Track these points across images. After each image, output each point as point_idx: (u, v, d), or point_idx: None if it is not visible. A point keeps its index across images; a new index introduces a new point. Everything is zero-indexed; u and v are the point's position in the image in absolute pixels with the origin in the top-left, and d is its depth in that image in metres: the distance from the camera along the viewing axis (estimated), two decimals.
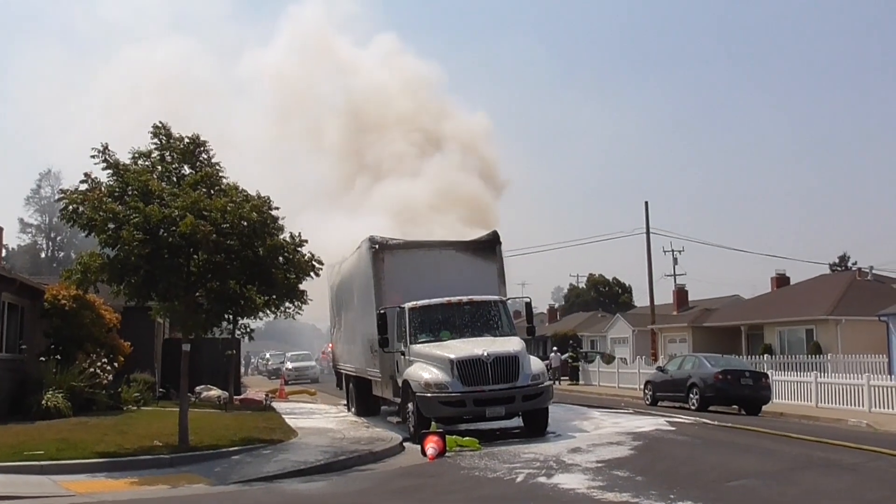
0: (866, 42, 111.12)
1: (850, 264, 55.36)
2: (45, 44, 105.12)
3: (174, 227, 11.51)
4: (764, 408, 21.53)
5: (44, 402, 15.99)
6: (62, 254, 74.41)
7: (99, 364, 18.24)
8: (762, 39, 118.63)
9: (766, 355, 30.80)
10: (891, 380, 21.30)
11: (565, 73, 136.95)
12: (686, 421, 17.26)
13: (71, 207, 11.74)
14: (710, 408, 21.32)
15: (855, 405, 20.80)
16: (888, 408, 19.93)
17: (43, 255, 76.21)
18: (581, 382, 36.85)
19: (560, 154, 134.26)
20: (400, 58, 42.76)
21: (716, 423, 16.82)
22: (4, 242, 26.62)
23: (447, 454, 11.99)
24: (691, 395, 21.89)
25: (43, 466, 10.46)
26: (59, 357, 17.60)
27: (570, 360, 38.56)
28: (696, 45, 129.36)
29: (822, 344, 31.14)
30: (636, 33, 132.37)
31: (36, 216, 75.82)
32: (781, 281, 42.13)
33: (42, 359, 17.38)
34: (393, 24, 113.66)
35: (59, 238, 76.23)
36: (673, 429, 15.29)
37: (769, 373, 23.59)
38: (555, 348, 43.09)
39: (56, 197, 12.65)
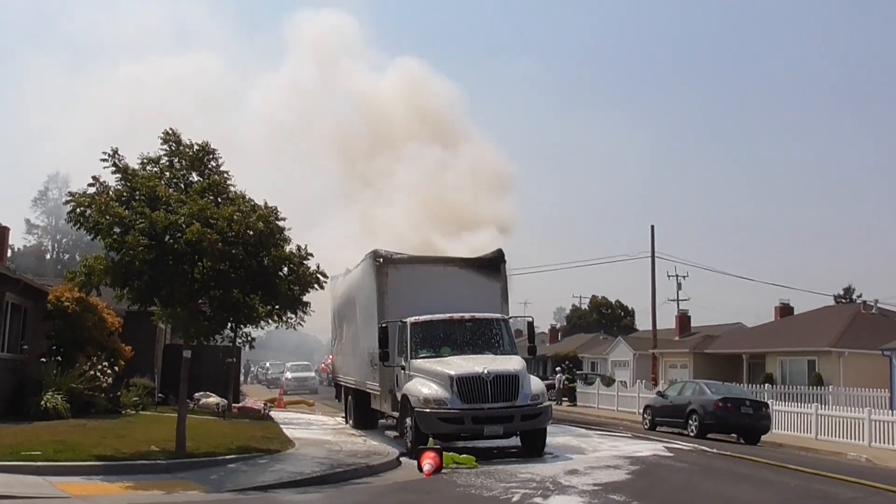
0: (873, 73, 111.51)
1: (855, 297, 55.13)
2: (53, 50, 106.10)
3: (180, 234, 11.57)
4: (763, 437, 21.41)
5: (43, 403, 16.02)
6: (67, 256, 74.58)
7: (99, 367, 18.29)
8: (769, 67, 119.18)
9: (767, 384, 30.64)
10: (892, 415, 21.14)
11: (570, 94, 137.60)
12: (684, 447, 17.17)
13: (78, 210, 11.82)
14: (709, 435, 21.20)
15: (855, 439, 20.65)
16: (888, 443, 19.77)
17: (48, 256, 76.41)
18: (578, 403, 36.74)
19: (566, 175, 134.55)
20: (416, 82, 42.99)
21: (714, 450, 16.73)
22: (10, 243, 26.75)
23: (444, 471, 11.96)
24: (690, 422, 21.79)
25: (39, 467, 10.46)
26: (59, 359, 17.64)
27: (566, 381, 38.46)
28: (702, 70, 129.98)
29: (824, 376, 30.97)
30: (641, 57, 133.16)
31: (42, 218, 76.14)
32: (785, 310, 41.98)
33: (43, 360, 17.42)
34: (393, 45, 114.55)
35: (64, 240, 76.45)
36: (671, 455, 15.21)
37: (769, 402, 23.48)
38: (558, 369, 42.95)
39: (64, 199, 12.70)
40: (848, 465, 16.36)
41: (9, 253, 26.01)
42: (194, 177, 12.67)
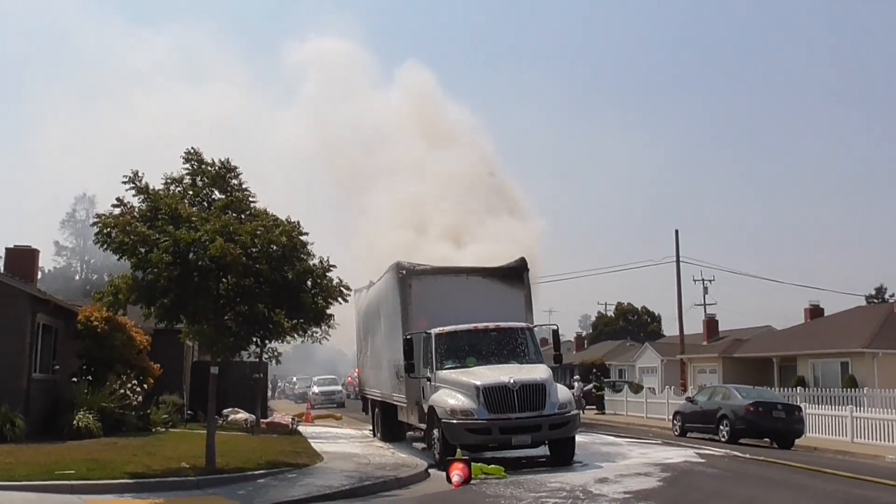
0: None
1: (887, 296, 54.13)
2: (73, 75, 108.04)
3: (204, 251, 11.67)
4: (797, 442, 21.03)
5: (75, 422, 16.23)
6: (96, 277, 75.56)
7: (129, 385, 18.50)
8: (795, 67, 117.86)
9: (798, 388, 30.13)
10: None
11: (588, 101, 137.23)
12: (716, 453, 16.93)
13: (105, 231, 12.00)
14: (741, 440, 20.90)
15: (893, 441, 20.21)
16: None
17: (77, 277, 77.56)
18: (608, 412, 36.42)
19: (589, 181, 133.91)
20: (429, 101, 43.10)
21: (747, 455, 16.48)
22: (40, 265, 27.22)
23: (472, 482, 11.90)
24: (721, 427, 21.48)
25: (73, 486, 10.59)
26: (90, 378, 17.86)
27: (594, 390, 38.16)
28: (725, 73, 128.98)
29: (858, 378, 30.37)
30: (661, 61, 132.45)
31: (71, 239, 77.32)
32: (815, 312, 41.30)
33: (74, 379, 17.66)
34: (400, 58, 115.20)
35: (93, 261, 77.56)
36: (702, 461, 15.01)
37: (802, 406, 23.09)
38: (577, 377, 42.68)
39: (91, 221, 12.88)
40: (887, 468, 16.01)
41: (39, 275, 26.46)
42: (216, 194, 12.80)
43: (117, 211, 12.20)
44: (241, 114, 76.90)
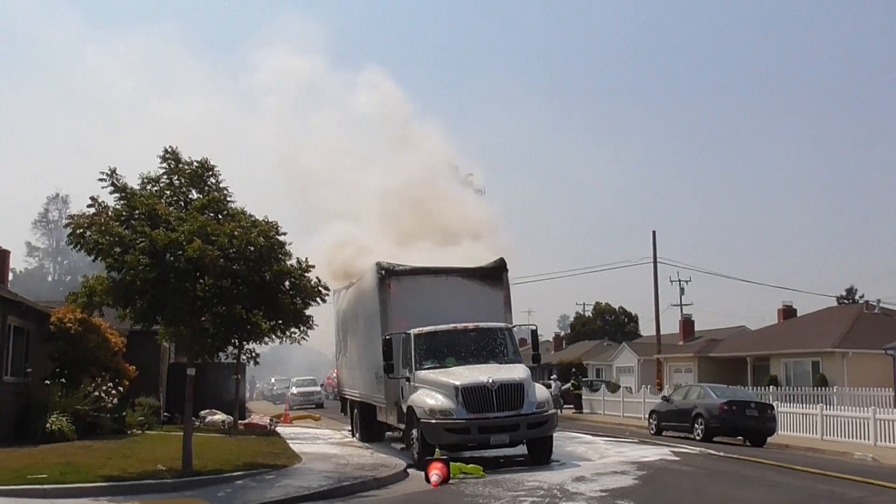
0: (872, 74, 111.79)
1: (857, 297, 55.06)
2: (53, 76, 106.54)
3: (181, 252, 11.56)
4: (769, 439, 21.37)
5: (48, 425, 16.02)
6: (69, 278, 74.62)
7: (104, 388, 18.28)
8: (768, 71, 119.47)
9: (771, 387, 30.58)
10: None
11: (567, 101, 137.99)
12: (691, 451, 17.15)
13: (78, 232, 11.85)
14: (715, 438, 21.18)
15: (860, 439, 20.61)
16: (894, 442, 19.75)
17: (49, 278, 76.47)
18: (585, 411, 36.70)
19: (566, 182, 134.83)
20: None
21: (721, 453, 16.71)
22: (11, 266, 26.80)
23: (451, 481, 11.95)
24: (696, 426, 21.76)
25: (46, 490, 10.46)
26: (64, 380, 17.64)
27: (571, 388, 38.45)
28: (701, 75, 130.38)
29: (828, 377, 30.93)
30: (638, 62, 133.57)
31: (43, 240, 76.29)
32: (788, 313, 41.95)
33: (47, 382, 17.43)
34: (385, 58, 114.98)
35: (65, 262, 76.54)
36: (678, 459, 15.20)
37: (775, 404, 23.45)
38: (554, 376, 42.96)
39: (64, 221, 12.72)
40: (854, 464, 16.35)
41: (10, 276, 26.05)
42: (194, 194, 12.70)
43: (92, 211, 12.06)
44: (207, 119, 76.27)
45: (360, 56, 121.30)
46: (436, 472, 11.94)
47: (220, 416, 22.31)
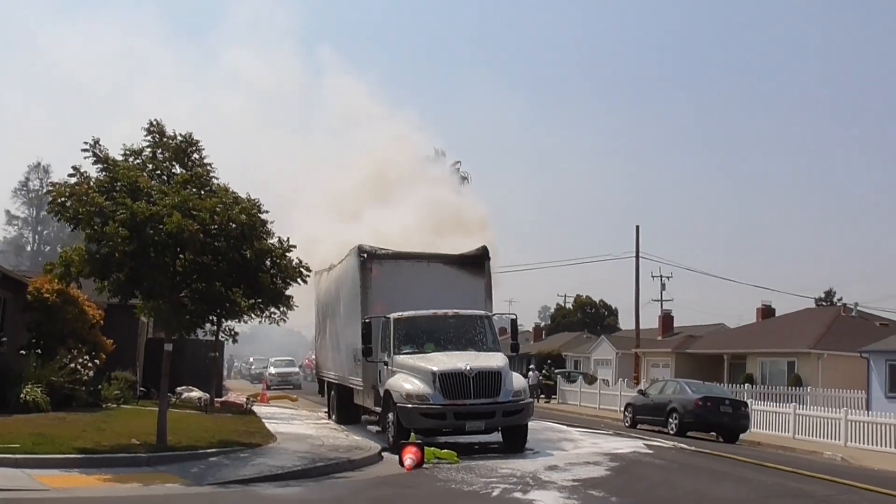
0: (857, 77, 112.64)
1: (836, 300, 55.69)
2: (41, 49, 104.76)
3: (161, 225, 11.46)
4: (742, 436, 21.65)
5: (22, 395, 15.84)
6: (48, 248, 73.81)
7: (80, 360, 18.12)
8: (752, 70, 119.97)
9: (746, 385, 30.97)
10: (867, 415, 21.47)
11: (553, 96, 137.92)
12: (664, 445, 17.33)
13: (59, 201, 11.71)
14: (689, 433, 21.41)
15: (831, 438, 20.94)
16: (863, 443, 20.08)
17: (29, 248, 75.62)
18: (557, 400, 37.11)
19: (551, 175, 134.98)
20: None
21: (693, 448, 16.90)
22: None
23: (425, 466, 11.99)
24: (671, 420, 21.99)
25: (18, 460, 10.37)
26: (39, 351, 17.45)
27: (542, 378, 38.84)
28: (687, 72, 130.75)
29: (803, 377, 31.33)
30: (623, 58, 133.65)
31: (23, 209, 75.28)
32: (767, 312, 42.40)
33: (22, 352, 17.24)
34: (359, 63, 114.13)
35: (45, 232, 75.68)
36: (651, 452, 15.34)
37: (749, 402, 23.73)
38: (532, 366, 43.26)
39: (45, 190, 12.58)
40: (824, 463, 16.61)
41: None
42: (177, 168, 12.59)
43: (73, 180, 11.92)
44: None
45: (338, 47, 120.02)
46: (410, 456, 11.97)
47: (196, 393, 22.19)
